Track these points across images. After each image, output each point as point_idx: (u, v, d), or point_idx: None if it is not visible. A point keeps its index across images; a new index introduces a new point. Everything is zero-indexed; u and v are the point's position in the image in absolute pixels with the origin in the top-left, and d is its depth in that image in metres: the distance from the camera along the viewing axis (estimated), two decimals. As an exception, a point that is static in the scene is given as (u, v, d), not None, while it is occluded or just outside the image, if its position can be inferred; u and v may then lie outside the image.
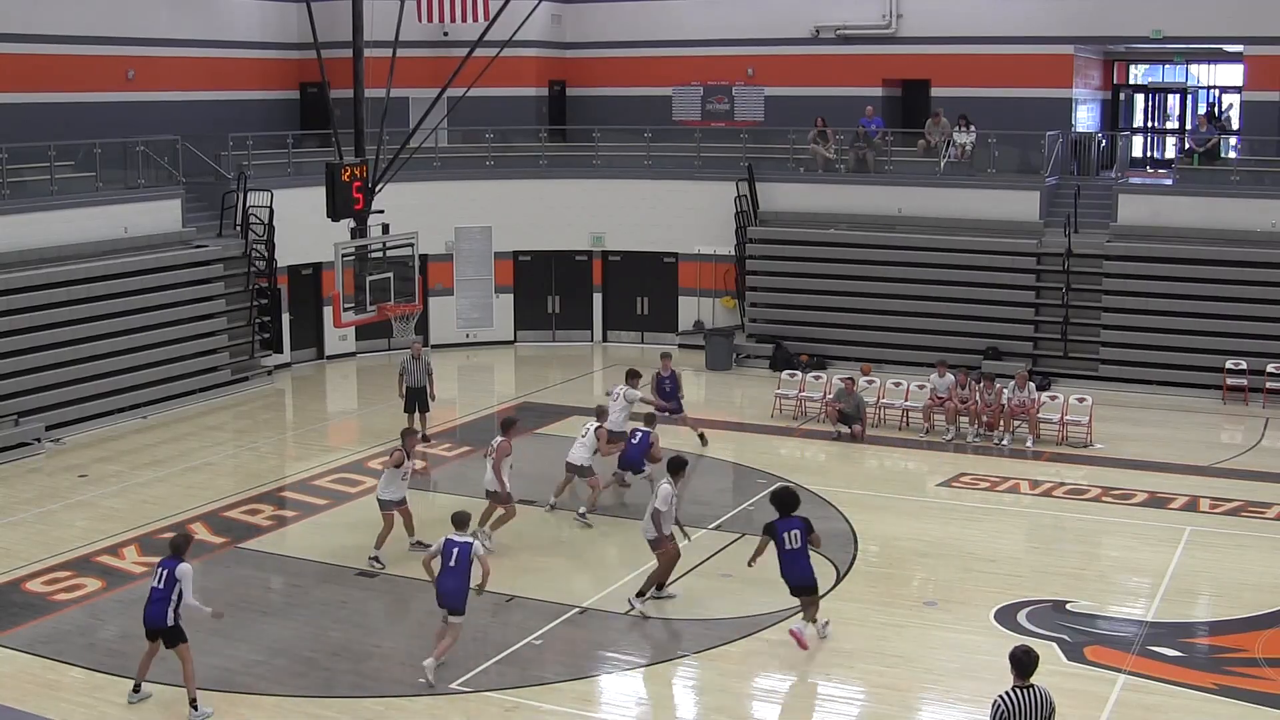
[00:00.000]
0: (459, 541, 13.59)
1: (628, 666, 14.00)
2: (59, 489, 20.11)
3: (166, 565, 12.92)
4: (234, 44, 31.71)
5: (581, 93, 35.04)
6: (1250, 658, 14.14)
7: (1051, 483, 20.24)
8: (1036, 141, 28.48)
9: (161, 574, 12.89)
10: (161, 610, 12.76)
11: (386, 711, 12.96)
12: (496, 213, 30.68)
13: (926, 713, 13.32)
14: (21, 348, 22.69)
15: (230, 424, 24.38)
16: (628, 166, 31.31)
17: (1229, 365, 25.02)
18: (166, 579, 12.79)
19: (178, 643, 12.86)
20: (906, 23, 31.49)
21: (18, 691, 13.28)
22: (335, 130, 22.20)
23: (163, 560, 13.08)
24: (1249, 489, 19.81)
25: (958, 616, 15.15)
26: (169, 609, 12.74)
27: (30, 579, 16.36)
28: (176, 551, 12.98)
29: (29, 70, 26.88)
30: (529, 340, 31.42)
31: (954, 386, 22.92)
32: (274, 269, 27.42)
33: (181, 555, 12.94)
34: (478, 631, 14.86)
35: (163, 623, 12.79)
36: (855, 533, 17.98)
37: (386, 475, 16.92)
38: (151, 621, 12.87)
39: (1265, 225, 26.03)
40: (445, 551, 13.60)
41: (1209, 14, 28.88)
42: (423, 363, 22.53)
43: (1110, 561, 17.30)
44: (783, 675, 13.85)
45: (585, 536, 18.06)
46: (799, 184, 29.94)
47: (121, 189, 25.99)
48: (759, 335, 29.02)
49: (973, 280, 27.54)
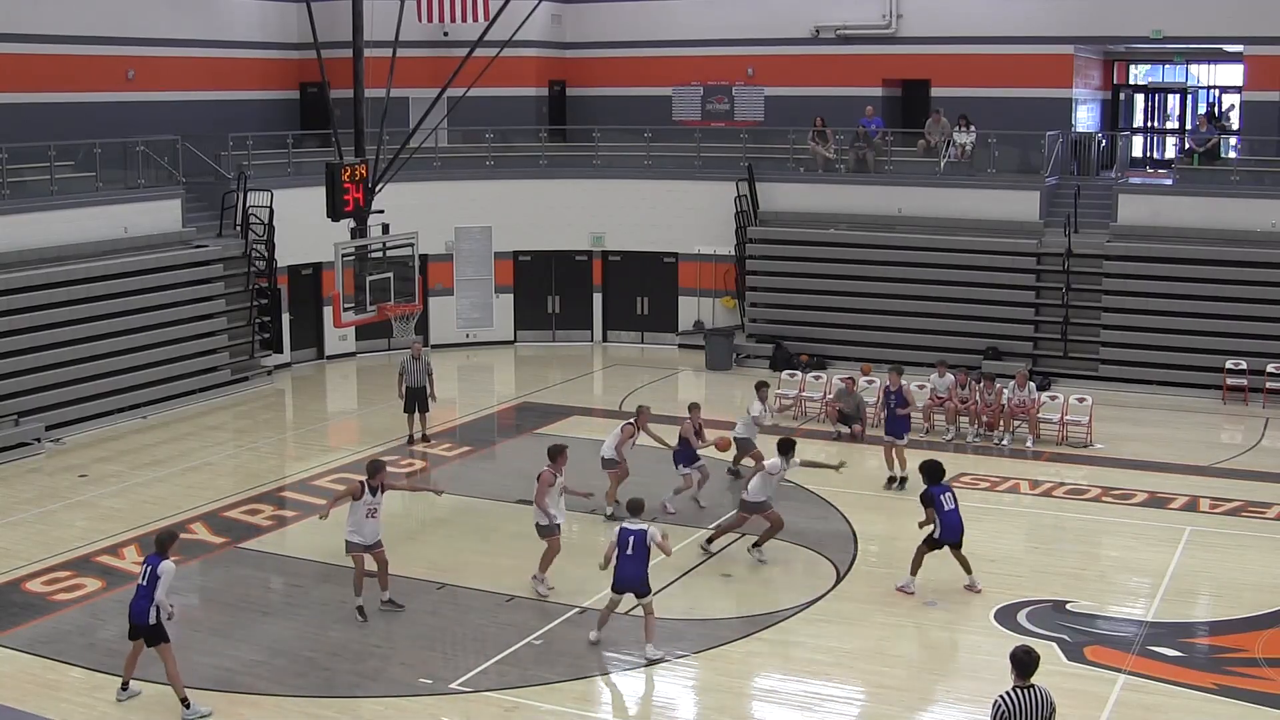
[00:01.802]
0: (634, 529, 13.87)
1: (628, 666, 14.00)
2: (59, 489, 20.11)
3: (151, 562, 12.85)
4: (234, 44, 31.71)
5: (581, 93, 35.04)
6: (1250, 658, 14.14)
7: (1051, 483, 20.24)
8: (1036, 141, 28.49)
9: (146, 570, 12.82)
10: (144, 608, 12.67)
11: (386, 711, 12.96)
12: (496, 213, 30.68)
13: (926, 713, 13.31)
14: (21, 348, 22.69)
15: (230, 424, 24.38)
16: (628, 166, 31.32)
17: (1229, 365, 25.03)
18: (150, 575, 12.71)
19: (158, 642, 12.78)
20: (906, 23, 31.50)
21: (18, 691, 13.27)
22: (335, 130, 22.19)
23: (148, 557, 13.03)
24: (1249, 489, 19.81)
25: (958, 616, 15.15)
26: (151, 607, 12.64)
27: (30, 579, 16.36)
28: (161, 548, 12.89)
29: (29, 70, 26.89)
30: (529, 340, 31.42)
31: (954, 386, 22.91)
32: (274, 269, 27.42)
33: (165, 552, 12.84)
34: (478, 631, 14.87)
35: (144, 620, 12.70)
36: (855, 533, 17.97)
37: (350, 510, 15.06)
38: (134, 618, 12.79)
39: (1265, 225, 26.04)
40: (621, 540, 13.88)
41: (1209, 14, 28.89)
42: (423, 363, 22.54)
43: (1110, 561, 17.30)
44: (783, 675, 13.85)
45: (585, 537, 18.05)
46: (799, 184, 29.95)
47: (121, 189, 25.99)
48: (759, 335, 29.02)
49: (973, 280, 27.55)
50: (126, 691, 13.14)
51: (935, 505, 15.60)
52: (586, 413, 24.61)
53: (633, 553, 13.85)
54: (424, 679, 13.55)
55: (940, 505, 15.61)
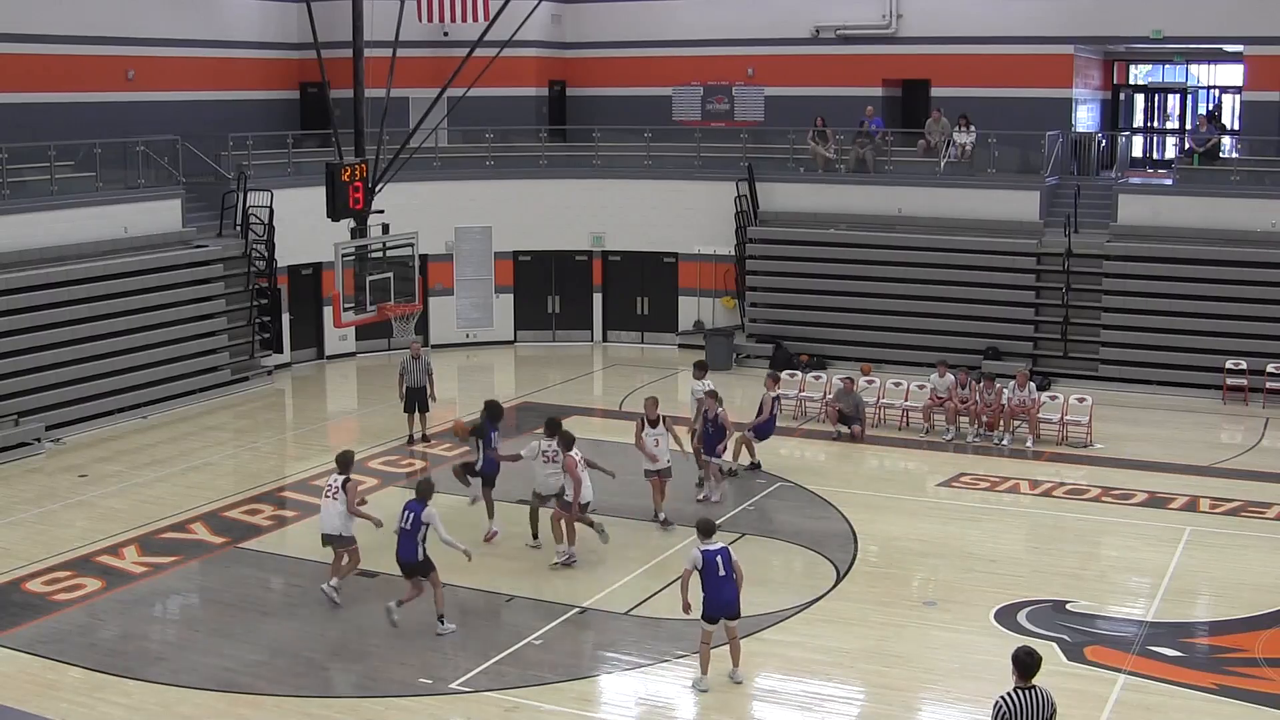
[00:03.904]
0: (717, 548, 13.20)
1: (628, 666, 14.00)
2: (59, 489, 20.11)
3: (412, 508, 14.43)
4: (234, 44, 31.71)
5: (581, 93, 35.04)
6: (1250, 658, 14.14)
7: (1051, 483, 20.24)
8: (1036, 141, 28.49)
9: (408, 516, 14.41)
10: (411, 548, 14.40)
11: (386, 712, 12.96)
12: (496, 213, 30.68)
13: (926, 713, 13.33)
14: (21, 348, 22.69)
15: (230, 424, 24.38)
16: (628, 166, 31.33)
17: (1229, 365, 25.03)
18: (413, 521, 14.36)
19: (429, 572, 14.56)
20: (906, 23, 31.50)
21: (18, 691, 13.27)
22: (335, 130, 22.18)
23: (408, 503, 14.54)
24: (1249, 489, 19.81)
25: (958, 616, 15.15)
26: (418, 546, 14.35)
27: (30, 579, 16.36)
28: (421, 496, 14.54)
29: (29, 70, 26.89)
30: (529, 340, 31.42)
31: (954, 386, 22.91)
32: (274, 269, 27.43)
33: (426, 500, 14.50)
34: (478, 631, 14.88)
35: (414, 557, 14.44)
36: (855, 533, 17.97)
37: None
38: (405, 558, 14.48)
39: (1265, 225, 26.04)
40: (708, 563, 13.07)
41: (1209, 14, 28.89)
42: (422, 363, 22.54)
43: (1110, 561, 17.31)
44: (783, 675, 13.84)
45: (585, 536, 18.03)
46: (799, 184, 29.94)
47: (121, 189, 25.99)
48: (759, 335, 29.02)
49: (973, 280, 27.54)
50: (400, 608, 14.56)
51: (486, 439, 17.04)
52: (587, 413, 24.60)
53: (725, 573, 13.05)
54: (424, 679, 13.56)
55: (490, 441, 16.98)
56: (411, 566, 14.52)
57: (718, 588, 13.09)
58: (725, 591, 13.11)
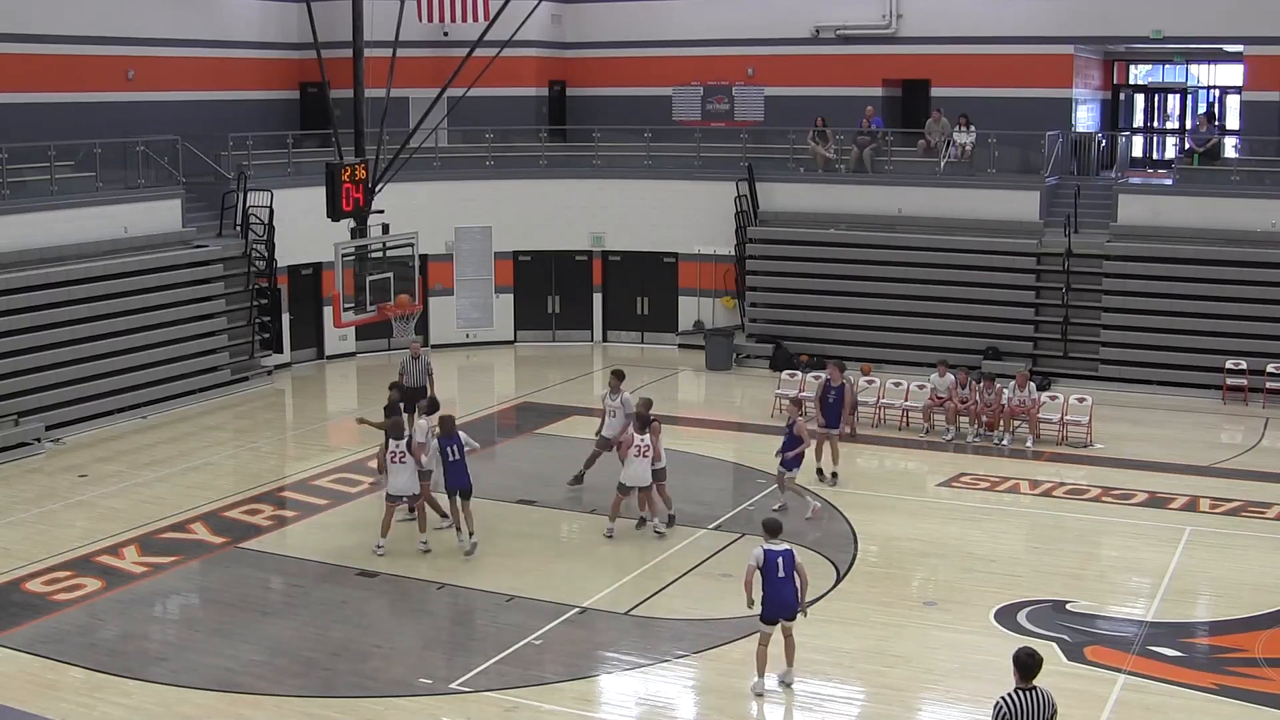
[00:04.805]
0: (781, 550, 13.11)
1: (628, 666, 14.00)
2: (59, 489, 20.10)
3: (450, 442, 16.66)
4: (234, 44, 31.70)
5: (581, 93, 35.03)
6: (1250, 658, 14.14)
7: (1051, 483, 20.23)
8: (1036, 141, 28.48)
9: (452, 449, 16.63)
10: (466, 475, 16.75)
11: (386, 712, 12.96)
12: (496, 213, 30.68)
13: (926, 713, 13.32)
14: (21, 348, 22.68)
15: (230, 424, 24.38)
16: (628, 166, 31.31)
17: (1229, 365, 25.02)
18: (459, 451, 16.66)
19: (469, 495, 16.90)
20: (906, 23, 31.49)
21: (18, 691, 13.27)
22: (335, 130, 22.17)
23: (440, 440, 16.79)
24: (1249, 489, 19.81)
25: (958, 616, 15.15)
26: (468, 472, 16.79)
27: (30, 579, 16.35)
28: (448, 431, 16.73)
29: (29, 70, 26.88)
30: (529, 340, 31.42)
31: (954, 386, 22.91)
32: (274, 269, 27.41)
33: (453, 433, 16.76)
34: (478, 631, 14.87)
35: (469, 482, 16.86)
36: (855, 533, 17.97)
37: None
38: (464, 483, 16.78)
39: (1265, 225, 26.03)
40: (769, 563, 13.01)
41: (1209, 14, 28.88)
42: (422, 363, 22.50)
43: (1110, 561, 17.31)
44: (783, 675, 13.82)
45: (585, 536, 18.06)
46: (799, 184, 29.94)
47: (121, 189, 25.98)
48: (759, 335, 29.02)
49: (973, 280, 27.54)
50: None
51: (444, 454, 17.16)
52: (586, 413, 24.57)
53: (785, 574, 12.99)
54: (424, 679, 13.55)
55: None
56: (470, 490, 16.77)
57: (777, 588, 13.05)
58: (785, 593, 13.07)
